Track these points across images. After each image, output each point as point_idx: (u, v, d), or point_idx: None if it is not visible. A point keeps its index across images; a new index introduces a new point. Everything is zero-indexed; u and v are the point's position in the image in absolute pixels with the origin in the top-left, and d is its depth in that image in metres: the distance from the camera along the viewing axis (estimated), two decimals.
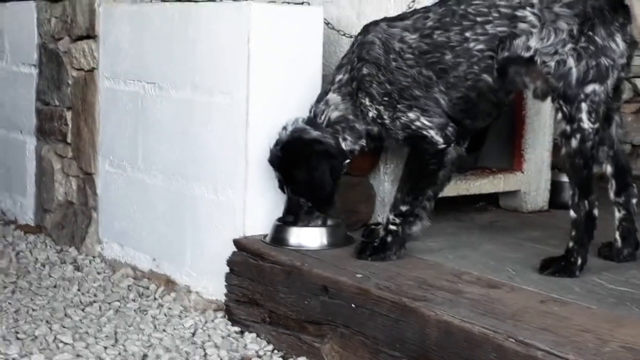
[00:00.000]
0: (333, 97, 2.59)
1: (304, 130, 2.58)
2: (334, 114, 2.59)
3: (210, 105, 2.82)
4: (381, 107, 2.53)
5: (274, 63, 2.69)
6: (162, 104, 3.04)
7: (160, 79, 3.04)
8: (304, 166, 2.55)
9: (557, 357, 1.80)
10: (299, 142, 2.57)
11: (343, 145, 2.60)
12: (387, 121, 2.54)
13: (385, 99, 2.52)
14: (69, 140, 3.60)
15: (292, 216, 2.63)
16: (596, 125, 2.37)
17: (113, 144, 3.32)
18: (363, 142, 2.62)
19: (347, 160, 2.63)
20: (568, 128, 2.38)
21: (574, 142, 2.37)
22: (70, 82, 3.57)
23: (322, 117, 2.60)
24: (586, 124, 2.36)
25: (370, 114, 2.55)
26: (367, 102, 2.55)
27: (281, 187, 2.66)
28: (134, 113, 3.18)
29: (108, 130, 3.35)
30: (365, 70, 2.54)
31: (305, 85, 2.71)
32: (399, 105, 2.51)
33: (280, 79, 2.71)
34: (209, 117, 2.82)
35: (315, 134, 2.57)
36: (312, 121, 2.61)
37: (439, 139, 2.49)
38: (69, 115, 3.59)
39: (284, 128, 2.61)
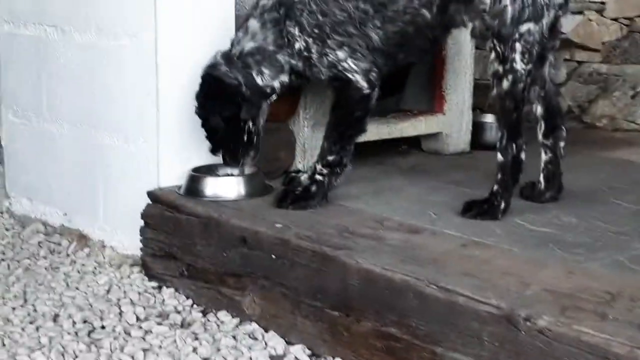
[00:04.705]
0: (253, 23, 2.42)
1: (214, 66, 2.42)
2: (249, 45, 2.41)
3: (117, 49, 2.66)
4: (310, 40, 2.39)
5: (182, 1, 2.54)
6: (66, 49, 2.86)
7: (62, 21, 2.85)
8: (201, 110, 2.43)
9: (478, 302, 1.78)
10: (204, 82, 2.42)
11: (259, 80, 2.42)
12: (315, 56, 2.40)
13: (316, 30, 2.38)
14: None
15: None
16: (528, 67, 2.32)
17: (16, 93, 3.13)
18: (285, 77, 2.44)
19: (268, 100, 2.46)
20: (500, 68, 2.32)
21: (505, 84, 2.32)
22: None
23: (237, 48, 2.42)
24: (519, 65, 2.31)
25: (297, 45, 2.39)
26: (295, 31, 2.39)
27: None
28: (36, 59, 2.99)
29: (10, 78, 3.15)
30: None
31: (218, 24, 2.57)
32: (328, 41, 2.38)
33: (190, 18, 2.56)
34: (116, 61, 2.67)
35: (223, 70, 2.41)
36: (226, 54, 2.43)
37: (364, 84, 2.40)
38: None
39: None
